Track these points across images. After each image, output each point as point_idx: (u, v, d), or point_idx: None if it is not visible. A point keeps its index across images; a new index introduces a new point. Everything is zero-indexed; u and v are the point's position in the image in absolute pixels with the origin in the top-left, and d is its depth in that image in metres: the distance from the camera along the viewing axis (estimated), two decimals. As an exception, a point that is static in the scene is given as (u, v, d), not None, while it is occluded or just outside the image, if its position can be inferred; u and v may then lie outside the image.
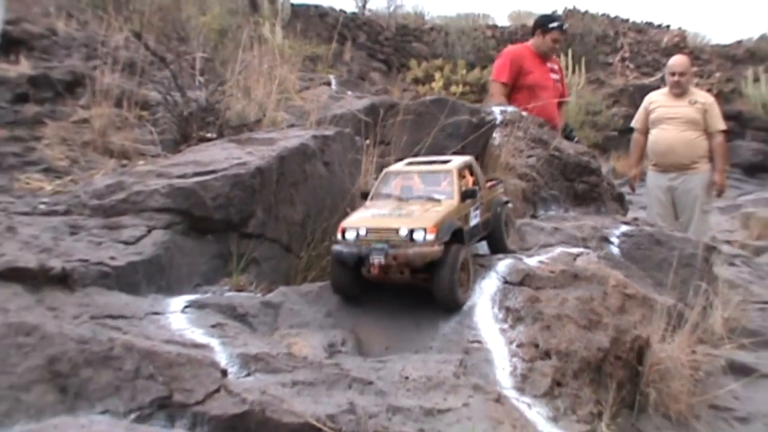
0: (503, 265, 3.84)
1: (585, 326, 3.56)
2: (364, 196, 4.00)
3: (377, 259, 3.44)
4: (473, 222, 3.95)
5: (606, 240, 4.98)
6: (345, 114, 6.32)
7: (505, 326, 3.50)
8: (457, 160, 4.05)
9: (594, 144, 17.16)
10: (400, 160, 4.31)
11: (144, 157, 4.74)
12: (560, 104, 9.11)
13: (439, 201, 3.75)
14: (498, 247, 4.29)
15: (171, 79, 5.28)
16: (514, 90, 8.89)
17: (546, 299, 3.64)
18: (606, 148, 18.49)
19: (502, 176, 6.39)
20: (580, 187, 7.38)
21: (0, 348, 2.18)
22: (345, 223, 3.58)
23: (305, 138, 4.47)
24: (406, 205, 3.73)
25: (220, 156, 4.14)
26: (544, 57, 9.08)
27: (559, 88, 9.06)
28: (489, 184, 4.40)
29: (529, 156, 7.05)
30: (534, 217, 6.16)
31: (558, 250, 4.23)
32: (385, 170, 4.04)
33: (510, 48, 9.81)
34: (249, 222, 3.94)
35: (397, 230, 3.45)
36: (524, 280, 3.74)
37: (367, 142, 5.08)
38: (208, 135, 4.90)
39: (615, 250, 4.88)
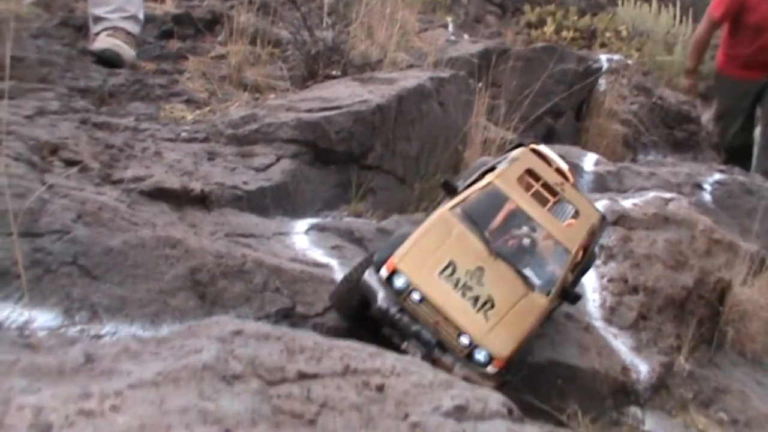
0: (599, 205, 3.87)
1: (672, 266, 3.60)
2: (448, 188, 2.64)
3: (414, 351, 2.28)
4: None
5: (699, 187, 4.95)
6: (460, 57, 6.37)
7: (598, 262, 3.57)
8: (591, 215, 2.73)
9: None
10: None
11: (274, 92, 4.85)
12: None
13: (531, 288, 2.43)
14: None
15: (301, 20, 5.35)
16: (732, 29, 7.90)
17: (637, 239, 3.68)
18: (707, 96, 18.01)
19: (604, 122, 6.41)
20: (680, 134, 7.32)
21: (151, 258, 2.35)
22: (401, 260, 2.33)
23: (423, 79, 4.53)
24: (489, 271, 2.37)
25: (344, 93, 4.22)
26: None
27: None
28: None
29: (632, 103, 7.01)
30: (633, 161, 6.15)
31: (652, 194, 4.23)
32: (494, 185, 2.54)
33: None
34: (368, 155, 4.03)
35: (458, 333, 2.28)
36: (618, 220, 3.79)
37: (480, 84, 5.11)
38: (334, 73, 4.98)
39: (707, 197, 4.86)
